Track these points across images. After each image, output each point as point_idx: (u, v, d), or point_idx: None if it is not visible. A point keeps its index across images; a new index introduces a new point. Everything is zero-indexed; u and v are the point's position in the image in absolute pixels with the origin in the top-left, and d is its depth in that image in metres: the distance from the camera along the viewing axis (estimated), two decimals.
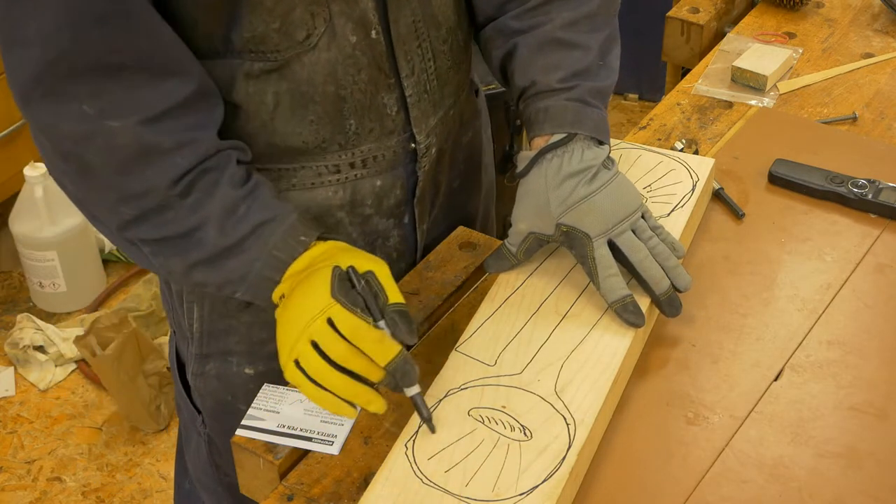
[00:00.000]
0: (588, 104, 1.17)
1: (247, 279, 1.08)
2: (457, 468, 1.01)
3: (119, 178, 1.05)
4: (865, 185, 1.36)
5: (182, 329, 1.32)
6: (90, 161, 1.05)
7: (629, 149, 1.37)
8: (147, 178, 1.05)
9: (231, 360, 1.30)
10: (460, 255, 1.31)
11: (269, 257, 1.07)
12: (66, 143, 1.05)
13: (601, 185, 1.13)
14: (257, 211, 1.08)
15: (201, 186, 1.06)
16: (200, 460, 1.42)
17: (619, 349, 1.11)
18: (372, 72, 1.16)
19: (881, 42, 1.69)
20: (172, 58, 1.05)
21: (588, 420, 1.04)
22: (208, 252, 1.08)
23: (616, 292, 1.12)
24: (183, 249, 1.08)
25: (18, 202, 2.68)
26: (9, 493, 2.37)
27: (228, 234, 1.07)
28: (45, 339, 2.63)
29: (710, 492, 1.04)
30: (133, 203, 1.06)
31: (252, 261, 1.08)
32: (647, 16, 3.12)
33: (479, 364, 1.11)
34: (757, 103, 1.56)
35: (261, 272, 1.08)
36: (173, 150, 1.05)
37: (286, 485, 1.07)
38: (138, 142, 1.03)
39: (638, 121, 1.56)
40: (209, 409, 1.35)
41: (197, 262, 1.09)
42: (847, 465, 1.07)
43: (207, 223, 1.07)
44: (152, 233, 1.08)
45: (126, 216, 1.07)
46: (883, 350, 1.19)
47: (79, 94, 1.02)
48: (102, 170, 1.05)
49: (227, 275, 1.09)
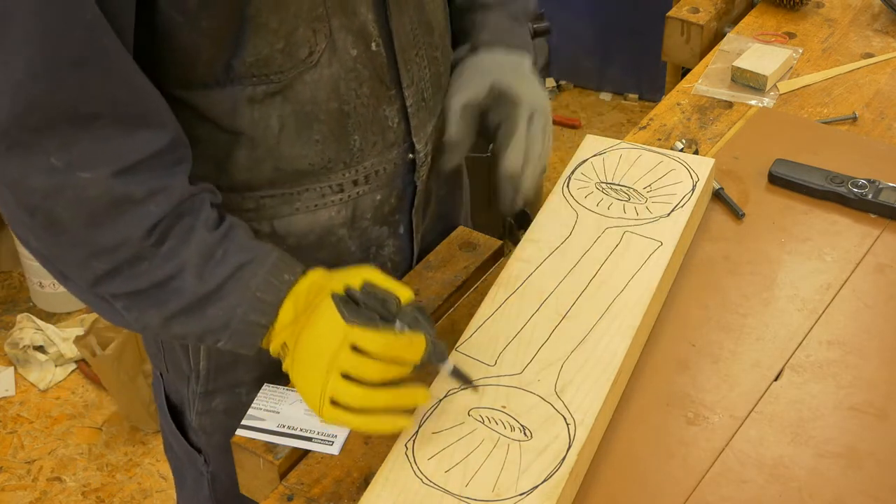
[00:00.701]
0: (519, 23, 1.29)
1: (229, 326, 1.03)
2: (457, 468, 1.01)
3: (90, 231, 0.99)
4: (865, 185, 1.36)
5: (180, 370, 1.27)
6: (59, 215, 0.98)
7: (629, 149, 1.37)
8: (119, 229, 0.99)
9: (240, 391, 1.26)
10: (460, 255, 1.31)
11: (253, 300, 1.03)
12: (34, 198, 0.98)
13: (532, 76, 1.25)
14: (235, 253, 1.03)
15: (176, 233, 1.02)
16: (200, 500, 1.38)
17: (619, 349, 1.11)
18: (374, 84, 1.15)
19: (881, 42, 1.69)
20: (148, 107, 1.01)
21: (588, 420, 1.04)
22: (187, 300, 1.02)
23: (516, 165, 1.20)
24: (159, 301, 1.03)
25: None
26: (9, 493, 2.37)
27: (207, 280, 1.02)
28: (45, 339, 2.63)
29: (710, 492, 1.04)
30: (105, 257, 1.00)
31: (233, 307, 1.03)
32: (647, 16, 3.13)
33: (480, 364, 1.11)
34: (757, 103, 1.56)
35: (245, 317, 1.03)
36: (146, 198, 1.00)
37: (286, 485, 1.07)
38: (110, 193, 0.98)
39: (638, 121, 1.56)
40: (216, 444, 1.31)
41: (175, 313, 1.03)
42: (847, 465, 1.07)
43: (184, 270, 1.02)
44: (126, 286, 1.02)
45: (98, 271, 1.01)
46: (883, 350, 1.19)
47: (48, 146, 0.96)
48: (72, 224, 0.99)
49: (207, 323, 1.04)
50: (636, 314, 1.15)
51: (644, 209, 1.29)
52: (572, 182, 1.33)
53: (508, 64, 1.25)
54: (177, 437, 1.36)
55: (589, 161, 1.36)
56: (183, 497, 1.44)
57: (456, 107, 1.22)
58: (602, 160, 1.36)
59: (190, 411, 1.30)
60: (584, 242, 1.25)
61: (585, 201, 1.30)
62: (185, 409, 1.32)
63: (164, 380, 1.36)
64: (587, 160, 1.36)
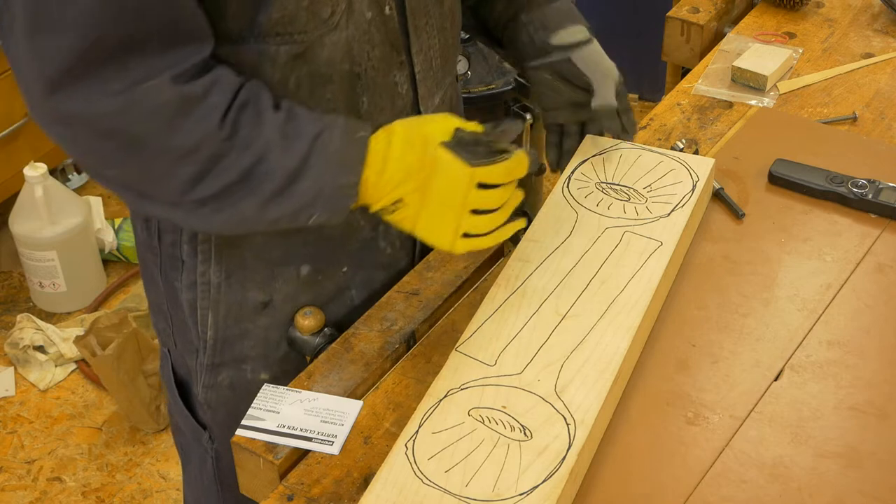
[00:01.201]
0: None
1: (321, 195, 1.07)
2: (457, 468, 1.01)
3: (169, 136, 1.03)
4: (865, 185, 1.36)
5: (189, 342, 1.29)
6: (136, 131, 1.02)
7: (629, 149, 1.37)
8: (195, 127, 1.03)
9: (245, 367, 1.29)
10: (460, 255, 1.31)
11: (338, 164, 1.07)
12: (107, 122, 1.02)
13: None
14: (306, 125, 1.08)
15: (246, 121, 1.05)
16: (204, 479, 1.40)
17: (619, 349, 1.11)
18: (385, 49, 1.17)
19: (881, 42, 1.69)
20: (195, 25, 1.04)
21: (588, 420, 1.04)
22: (278, 180, 1.06)
23: None
24: (251, 189, 1.06)
25: (18, 202, 2.68)
26: (9, 493, 2.37)
27: (292, 155, 1.06)
28: (45, 339, 2.63)
29: (710, 492, 1.04)
30: (190, 158, 1.04)
31: (321, 175, 1.07)
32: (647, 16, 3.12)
33: (480, 364, 1.11)
34: (757, 103, 1.56)
35: (334, 182, 1.07)
36: (206, 92, 1.03)
37: (286, 485, 1.07)
38: (177, 94, 1.02)
39: (638, 121, 1.56)
40: (220, 421, 1.33)
41: (269, 197, 1.07)
42: (847, 465, 1.07)
43: (268, 151, 1.05)
44: (216, 184, 1.05)
45: (185, 176, 1.04)
46: (883, 350, 1.19)
47: (106, 74, 0.99)
48: (150, 135, 1.02)
49: (300, 199, 1.07)
50: (636, 314, 1.15)
51: (644, 209, 1.29)
52: (572, 182, 1.33)
53: None
54: (183, 414, 1.37)
55: (589, 161, 1.36)
56: (188, 477, 1.46)
57: (615, 76, 1.33)
58: (602, 160, 1.36)
59: (197, 385, 1.32)
60: (584, 242, 1.25)
61: (585, 201, 1.30)
62: (192, 384, 1.34)
63: (171, 356, 1.37)
64: (587, 160, 1.36)
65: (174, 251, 1.24)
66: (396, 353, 1.20)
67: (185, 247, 1.23)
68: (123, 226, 2.90)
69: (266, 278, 1.24)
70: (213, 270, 1.23)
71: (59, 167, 3.03)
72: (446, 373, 1.11)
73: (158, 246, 1.26)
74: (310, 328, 1.24)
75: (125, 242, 2.87)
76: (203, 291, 1.25)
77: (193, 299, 1.26)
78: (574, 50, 1.32)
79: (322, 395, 1.14)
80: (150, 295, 1.36)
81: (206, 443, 1.36)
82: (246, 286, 1.24)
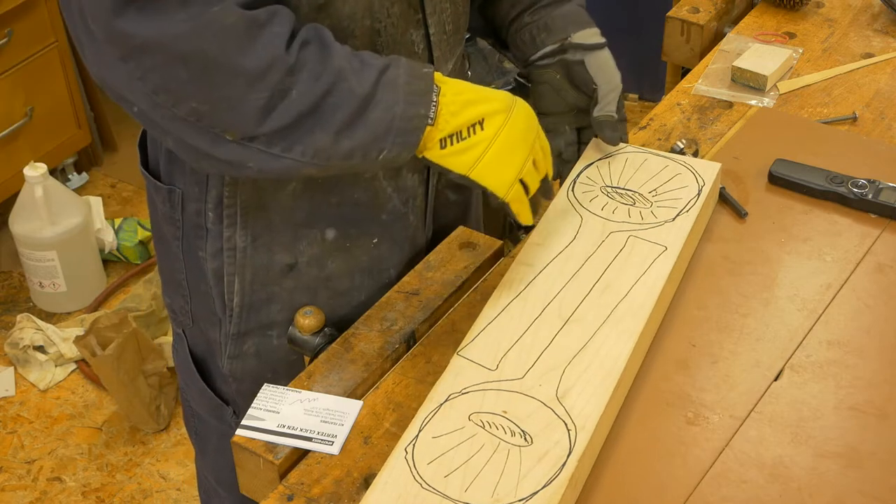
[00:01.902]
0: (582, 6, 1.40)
1: (393, 126, 1.09)
2: (456, 473, 1.01)
3: (241, 57, 1.03)
4: (865, 185, 1.36)
5: (212, 313, 1.31)
6: (210, 52, 1.02)
7: (635, 152, 1.37)
8: (263, 50, 1.04)
9: (271, 333, 1.30)
10: (460, 255, 1.31)
11: (408, 95, 1.09)
12: (182, 45, 1.02)
13: None
14: (371, 59, 1.10)
15: (312, 56, 1.06)
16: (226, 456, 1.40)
17: (621, 355, 1.11)
18: (402, 6, 1.19)
19: (881, 42, 1.69)
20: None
21: (589, 426, 1.04)
22: (351, 107, 1.07)
23: None
24: (324, 119, 1.07)
25: (18, 202, 2.68)
26: (9, 493, 2.37)
27: (362, 83, 1.07)
28: (45, 339, 2.63)
29: (710, 492, 1.04)
30: (260, 84, 1.04)
31: (391, 106, 1.08)
32: (647, 16, 3.12)
33: (481, 368, 1.11)
34: (757, 103, 1.56)
35: (405, 113, 1.08)
36: (270, 19, 1.04)
37: (286, 485, 1.07)
38: (243, 18, 1.03)
39: (638, 121, 1.56)
40: (246, 392, 1.33)
41: (342, 126, 1.07)
42: (847, 465, 1.07)
43: (339, 81, 1.07)
44: (287, 115, 1.06)
45: (258, 103, 1.05)
46: (883, 350, 1.19)
47: (168, 2, 1.01)
48: (223, 56, 1.03)
49: (373, 129, 1.08)
50: (639, 319, 1.15)
51: (649, 213, 1.28)
52: (577, 185, 1.33)
53: None
54: (203, 392, 1.38)
55: (594, 164, 1.35)
56: (205, 466, 1.46)
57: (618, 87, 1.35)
58: (608, 164, 1.35)
59: (221, 357, 1.33)
60: (588, 246, 1.24)
61: (590, 205, 1.30)
62: (215, 358, 1.34)
63: (186, 336, 1.38)
64: (592, 164, 1.36)
65: (198, 220, 1.25)
66: (396, 353, 1.21)
67: (209, 214, 1.24)
68: (123, 226, 2.90)
69: (291, 240, 1.26)
70: (239, 235, 1.25)
71: (59, 167, 3.03)
72: (447, 377, 1.11)
73: (181, 217, 1.27)
74: (310, 328, 1.24)
75: (125, 242, 2.87)
76: (229, 257, 1.26)
77: (219, 267, 1.27)
78: (589, 52, 1.34)
79: (322, 395, 1.14)
80: (165, 273, 1.37)
81: (229, 418, 1.37)
82: (273, 249, 1.26)
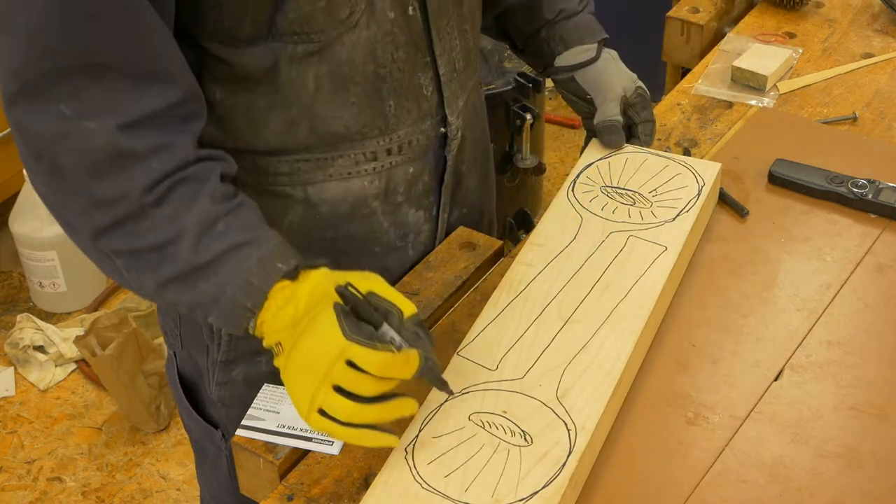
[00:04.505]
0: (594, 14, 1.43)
1: (219, 303, 1.02)
2: (456, 473, 1.01)
3: (90, 181, 1.01)
4: (865, 185, 1.36)
5: (199, 340, 1.28)
6: (62, 162, 1.00)
7: (635, 152, 1.37)
8: (119, 183, 1.00)
9: (259, 360, 1.27)
10: (460, 255, 1.31)
11: (243, 282, 1.01)
12: (40, 143, 1.00)
13: None
14: (236, 231, 1.03)
15: (178, 197, 1.02)
16: (219, 476, 1.39)
17: (621, 355, 1.11)
18: (409, 50, 1.17)
19: (881, 42, 1.69)
20: (160, 66, 1.02)
21: (589, 426, 1.04)
22: (179, 268, 1.02)
23: None
24: (155, 264, 1.03)
25: (18, 202, 2.68)
26: (9, 493, 2.37)
27: (202, 252, 1.02)
28: (45, 339, 2.63)
29: (710, 492, 1.04)
30: (106, 209, 1.01)
31: (224, 284, 1.02)
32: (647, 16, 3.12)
33: (481, 368, 1.11)
34: (757, 103, 1.56)
35: (233, 298, 1.02)
36: (149, 154, 1.01)
37: (286, 485, 1.07)
38: (113, 145, 1.00)
39: None
40: (235, 418, 1.29)
41: (168, 280, 1.03)
42: (847, 465, 1.07)
43: (182, 237, 1.02)
44: (126, 243, 1.03)
45: (99, 223, 1.02)
46: (883, 350, 1.19)
47: (60, 93, 0.98)
48: (74, 172, 1.01)
49: (198, 296, 1.03)
50: (639, 320, 1.15)
51: (649, 213, 1.28)
52: (577, 185, 1.33)
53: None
54: (192, 416, 1.37)
55: (594, 164, 1.35)
56: (203, 473, 1.45)
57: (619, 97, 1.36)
58: (608, 164, 1.35)
59: (209, 383, 1.31)
60: (588, 247, 1.24)
61: (590, 205, 1.30)
62: (203, 384, 1.33)
63: (177, 358, 1.37)
64: (592, 164, 1.36)
65: None
66: None
67: None
68: None
69: None
70: None
71: None
72: (447, 377, 1.10)
73: None
74: None
75: None
76: None
77: None
78: (577, 70, 1.38)
79: None
80: None
81: (218, 441, 1.36)
82: None
